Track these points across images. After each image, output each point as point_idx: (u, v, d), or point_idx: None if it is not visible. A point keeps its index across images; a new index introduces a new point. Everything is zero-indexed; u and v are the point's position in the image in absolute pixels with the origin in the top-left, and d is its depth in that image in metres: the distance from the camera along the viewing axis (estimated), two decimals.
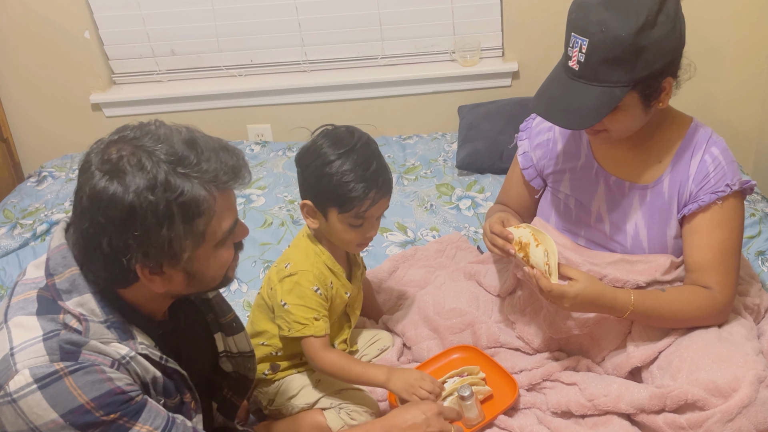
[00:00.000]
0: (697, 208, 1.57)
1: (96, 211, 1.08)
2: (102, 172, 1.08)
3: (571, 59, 1.46)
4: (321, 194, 1.55)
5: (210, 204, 1.12)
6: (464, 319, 1.78)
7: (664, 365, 1.55)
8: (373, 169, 1.53)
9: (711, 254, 1.57)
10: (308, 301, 1.58)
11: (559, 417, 1.59)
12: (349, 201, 1.52)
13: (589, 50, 1.42)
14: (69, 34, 3.05)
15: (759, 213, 2.26)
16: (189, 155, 1.11)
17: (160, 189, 1.07)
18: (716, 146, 1.59)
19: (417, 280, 2.05)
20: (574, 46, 1.45)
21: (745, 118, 2.89)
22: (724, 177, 1.56)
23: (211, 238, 1.16)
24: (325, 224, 1.58)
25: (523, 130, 1.83)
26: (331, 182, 1.51)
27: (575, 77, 1.46)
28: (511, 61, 3.02)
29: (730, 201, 1.57)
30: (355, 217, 1.55)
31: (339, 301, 1.66)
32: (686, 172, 1.59)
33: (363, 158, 1.53)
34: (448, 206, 2.53)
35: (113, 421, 1.09)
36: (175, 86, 3.17)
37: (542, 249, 1.53)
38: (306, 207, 1.58)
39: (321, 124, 3.45)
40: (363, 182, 1.51)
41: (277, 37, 3.08)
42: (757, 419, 1.39)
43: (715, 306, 1.57)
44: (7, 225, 2.65)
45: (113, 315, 1.16)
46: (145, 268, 1.13)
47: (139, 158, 1.08)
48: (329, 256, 1.64)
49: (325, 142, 1.56)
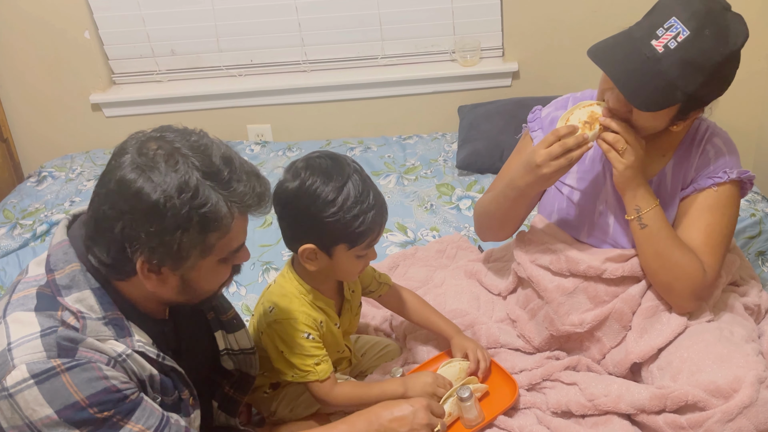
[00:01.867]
0: (692, 191, 1.59)
1: (120, 198, 1.10)
2: (136, 163, 1.10)
3: (659, 40, 1.41)
4: (327, 235, 1.44)
5: (228, 222, 1.15)
6: (464, 320, 1.78)
7: (664, 365, 1.55)
8: (373, 194, 1.46)
9: (698, 234, 1.57)
10: (303, 349, 1.52)
11: (559, 417, 1.59)
12: (361, 235, 1.44)
13: (685, 43, 1.40)
14: (69, 35, 3.06)
15: (759, 213, 2.26)
16: (223, 171, 1.14)
17: (187, 194, 1.10)
18: (719, 137, 1.61)
19: (418, 278, 2.05)
20: (670, 30, 1.41)
21: (745, 118, 2.89)
22: (723, 164, 1.58)
23: (218, 253, 1.18)
24: (328, 263, 1.49)
25: (533, 121, 1.78)
26: (338, 221, 1.41)
27: (653, 59, 1.42)
28: (511, 61, 3.02)
29: (726, 188, 1.57)
30: (365, 248, 1.49)
31: (331, 337, 1.60)
32: (689, 161, 1.61)
33: (361, 186, 1.43)
34: (449, 206, 2.53)
35: (107, 419, 1.10)
36: (175, 86, 3.17)
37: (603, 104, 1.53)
38: (307, 252, 1.46)
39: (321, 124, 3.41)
40: (371, 211, 1.44)
41: (277, 37, 3.08)
42: (757, 419, 1.39)
43: (703, 277, 1.55)
44: (7, 225, 2.65)
45: (112, 312, 1.17)
46: (146, 264, 1.14)
47: (176, 160, 1.11)
48: (317, 295, 1.55)
49: (315, 179, 1.41)
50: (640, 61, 1.42)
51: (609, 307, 1.65)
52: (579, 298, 1.67)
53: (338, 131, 3.17)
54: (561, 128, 1.51)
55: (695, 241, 1.57)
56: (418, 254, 2.21)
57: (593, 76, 1.57)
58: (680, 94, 1.42)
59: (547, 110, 1.76)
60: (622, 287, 1.67)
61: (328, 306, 1.58)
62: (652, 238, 1.56)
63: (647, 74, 1.42)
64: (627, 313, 1.65)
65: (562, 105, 1.74)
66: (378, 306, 2.01)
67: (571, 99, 1.74)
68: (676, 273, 1.56)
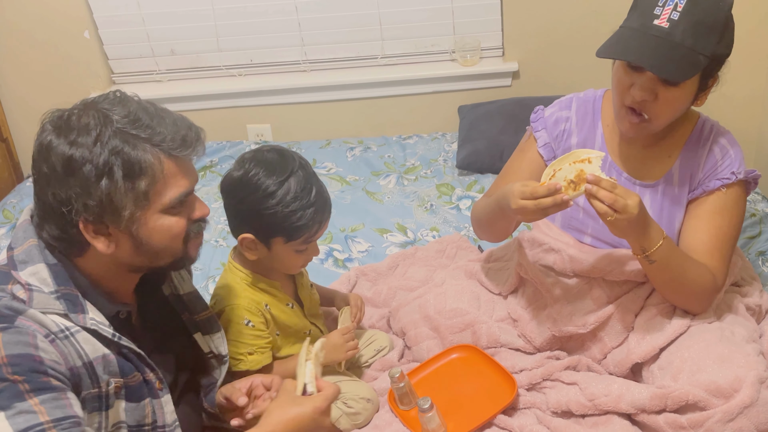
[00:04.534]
0: (701, 193, 1.59)
1: (41, 161, 1.14)
2: (52, 126, 1.14)
3: (660, 18, 1.43)
4: (265, 227, 1.48)
5: (155, 166, 1.15)
6: (465, 319, 1.77)
7: (665, 365, 1.55)
8: (316, 192, 1.48)
9: (708, 238, 1.57)
10: (241, 336, 1.54)
11: (559, 417, 1.59)
12: (298, 230, 1.48)
13: (687, 8, 1.41)
14: (69, 34, 3.05)
15: (759, 213, 2.26)
16: (142, 117, 1.16)
17: (101, 145, 1.12)
18: (724, 137, 1.61)
19: (418, 278, 2.05)
20: (667, 4, 1.42)
21: (745, 118, 2.89)
22: (731, 165, 1.58)
23: (155, 202, 1.18)
24: (266, 254, 1.53)
25: (535, 121, 1.77)
26: (276, 214, 1.45)
27: (663, 35, 1.42)
28: (511, 61, 3.01)
29: (734, 189, 1.58)
30: (303, 243, 1.52)
31: (285, 316, 1.62)
32: (696, 163, 1.61)
33: (303, 182, 1.46)
34: (449, 206, 2.53)
35: (15, 383, 1.06)
36: (174, 86, 3.17)
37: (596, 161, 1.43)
38: (246, 241, 1.51)
39: (321, 123, 3.41)
40: (309, 208, 1.47)
41: (277, 37, 3.08)
42: (758, 419, 1.39)
43: (714, 286, 1.57)
44: (6, 225, 2.65)
45: (66, 287, 1.17)
46: (89, 225, 1.15)
47: (89, 117, 1.13)
48: (258, 277, 1.58)
49: (258, 171, 1.46)
50: (654, 41, 1.42)
51: (612, 307, 1.66)
52: (582, 298, 1.67)
53: (338, 131, 3.16)
54: (540, 189, 1.42)
55: (705, 246, 1.57)
56: (418, 254, 2.20)
57: (593, 76, 1.57)
58: (702, 57, 1.43)
59: (551, 110, 1.75)
60: (626, 288, 1.67)
61: (272, 287, 1.60)
62: (661, 270, 1.55)
63: (666, 49, 1.42)
64: (630, 314, 1.65)
65: (566, 105, 1.74)
66: (376, 305, 2.01)
67: (574, 99, 1.74)
68: (688, 290, 1.57)
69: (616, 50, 1.46)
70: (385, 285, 2.06)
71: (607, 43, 1.48)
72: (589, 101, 1.72)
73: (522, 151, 1.79)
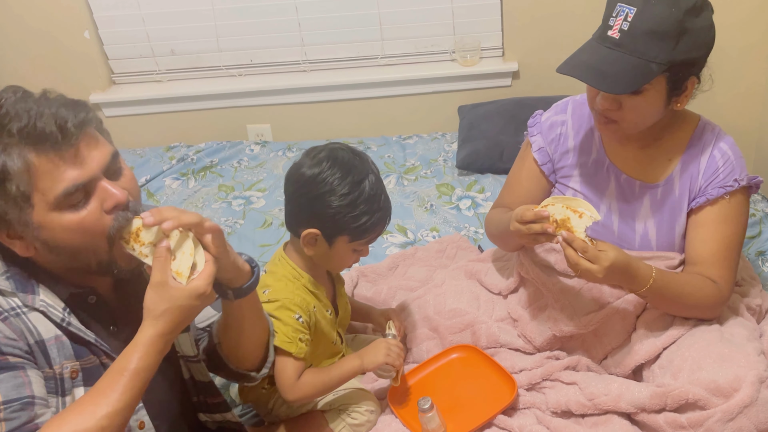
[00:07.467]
0: (704, 202, 1.59)
1: None
2: None
3: (612, 29, 1.45)
4: (333, 225, 1.49)
5: (17, 167, 1.06)
6: (464, 319, 1.78)
7: (666, 364, 1.55)
8: (384, 197, 1.52)
9: (716, 248, 1.58)
10: (293, 322, 1.53)
11: (559, 417, 1.59)
12: (365, 231, 1.50)
13: (635, 18, 1.42)
14: (69, 34, 3.06)
15: (759, 213, 2.26)
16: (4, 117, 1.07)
17: None
18: (725, 142, 1.61)
19: (418, 278, 2.05)
20: (618, 15, 1.44)
21: (745, 118, 2.89)
22: (732, 172, 1.58)
23: (40, 201, 1.09)
24: (326, 250, 1.54)
25: (532, 126, 1.79)
26: (347, 215, 1.47)
27: (613, 46, 1.45)
28: (511, 61, 3.02)
29: (737, 196, 1.58)
30: (365, 244, 1.55)
31: (324, 322, 1.62)
32: (696, 168, 1.60)
33: (376, 187, 1.50)
34: (449, 206, 2.53)
35: None
36: (174, 86, 3.17)
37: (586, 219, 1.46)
38: (310, 236, 1.51)
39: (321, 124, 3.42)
40: (379, 212, 1.50)
41: (277, 37, 3.08)
42: (758, 419, 1.39)
43: (720, 298, 1.57)
44: None
45: (15, 267, 1.15)
46: (1, 230, 1.11)
47: None
48: (309, 279, 1.58)
49: (334, 171, 1.47)
50: (605, 53, 1.45)
51: (613, 307, 1.66)
52: (584, 298, 1.68)
53: (338, 131, 3.17)
54: (527, 214, 1.49)
55: (713, 256, 1.58)
56: (418, 254, 2.21)
57: None
58: (655, 65, 1.43)
59: (547, 114, 1.77)
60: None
61: (320, 291, 1.61)
62: (656, 299, 1.58)
63: (614, 61, 1.44)
64: (631, 314, 1.65)
65: (562, 109, 1.75)
66: (376, 305, 2.00)
67: (570, 102, 1.74)
68: (691, 308, 1.59)
69: (567, 65, 1.50)
70: (385, 285, 2.06)
71: (567, 59, 1.52)
72: (585, 103, 1.72)
73: (521, 159, 1.82)
